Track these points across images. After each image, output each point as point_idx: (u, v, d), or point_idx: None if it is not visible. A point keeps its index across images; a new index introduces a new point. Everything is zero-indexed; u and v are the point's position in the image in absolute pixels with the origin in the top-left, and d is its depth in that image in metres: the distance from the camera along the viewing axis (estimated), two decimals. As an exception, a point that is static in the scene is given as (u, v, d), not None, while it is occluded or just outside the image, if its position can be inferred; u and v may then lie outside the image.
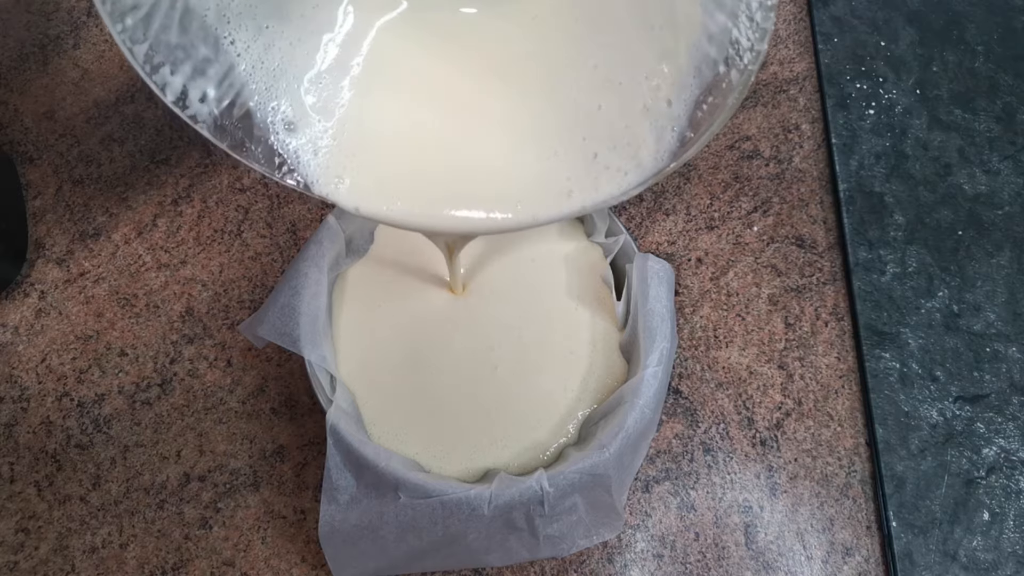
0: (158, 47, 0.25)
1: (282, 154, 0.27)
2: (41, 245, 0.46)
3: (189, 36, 0.26)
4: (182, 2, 0.26)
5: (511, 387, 0.37)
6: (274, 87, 0.28)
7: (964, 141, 0.46)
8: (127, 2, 0.25)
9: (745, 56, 0.26)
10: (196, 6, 0.26)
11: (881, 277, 0.43)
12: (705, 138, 0.25)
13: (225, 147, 0.26)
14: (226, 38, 0.27)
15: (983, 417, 0.40)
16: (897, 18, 0.49)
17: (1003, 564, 0.37)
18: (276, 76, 0.28)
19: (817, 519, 0.39)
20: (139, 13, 0.25)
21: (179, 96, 0.25)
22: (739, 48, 0.26)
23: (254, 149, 0.27)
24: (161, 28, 0.25)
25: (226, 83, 0.27)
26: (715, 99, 0.26)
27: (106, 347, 0.43)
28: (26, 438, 0.41)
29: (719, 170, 0.46)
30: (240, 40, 0.27)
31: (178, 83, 0.25)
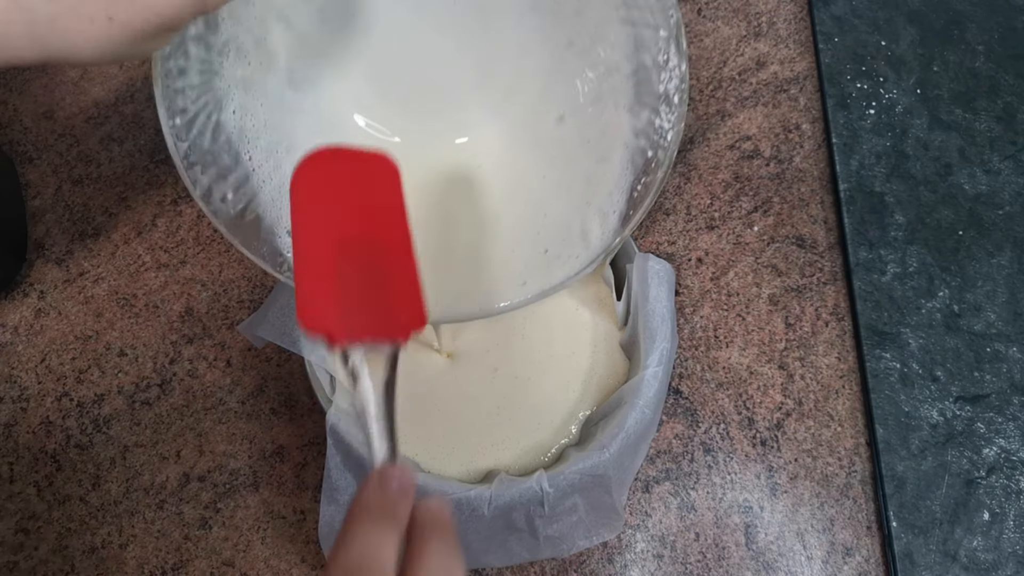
0: (194, 148, 0.30)
1: (284, 254, 0.32)
2: (40, 245, 0.46)
3: (218, 145, 0.31)
4: (215, 116, 0.31)
5: (512, 388, 0.37)
6: (279, 200, 0.32)
7: (965, 141, 0.46)
8: (178, 105, 0.29)
9: (668, 135, 0.30)
10: (225, 122, 0.31)
11: (882, 277, 0.43)
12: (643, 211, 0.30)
13: (237, 243, 0.30)
14: (245, 153, 0.32)
15: (983, 417, 0.40)
16: (898, 18, 0.49)
17: (1003, 564, 0.37)
18: (282, 191, 0.32)
19: (817, 519, 0.38)
20: (186, 117, 0.30)
21: (205, 192, 0.30)
22: (662, 132, 0.30)
23: (260, 248, 0.31)
24: (198, 133, 0.30)
25: (242, 190, 0.31)
26: (648, 178, 0.30)
27: (105, 347, 0.43)
28: (26, 438, 0.41)
29: (719, 170, 0.46)
30: (256, 157, 0.32)
31: (205, 182, 0.30)
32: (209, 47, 0.31)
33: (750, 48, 0.49)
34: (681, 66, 0.30)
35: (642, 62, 0.31)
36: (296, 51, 0.34)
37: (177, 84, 0.30)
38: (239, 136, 0.32)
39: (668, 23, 0.30)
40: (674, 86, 0.31)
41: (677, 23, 0.30)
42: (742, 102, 0.47)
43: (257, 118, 0.33)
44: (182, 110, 0.30)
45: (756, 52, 0.49)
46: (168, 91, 0.29)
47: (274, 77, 0.33)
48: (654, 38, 0.31)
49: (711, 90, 0.48)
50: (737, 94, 0.48)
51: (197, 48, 0.30)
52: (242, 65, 0.32)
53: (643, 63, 0.31)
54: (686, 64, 0.31)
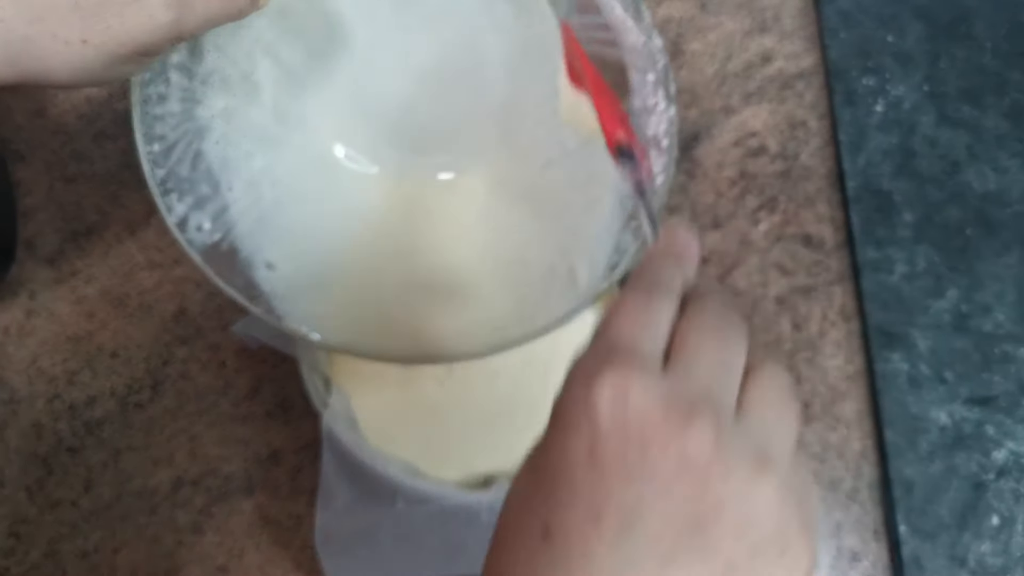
0: (171, 176, 0.30)
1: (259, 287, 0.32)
2: (31, 244, 0.45)
3: (197, 173, 0.31)
4: (196, 145, 0.31)
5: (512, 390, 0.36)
6: (259, 232, 0.33)
7: (972, 138, 0.45)
8: (156, 131, 0.30)
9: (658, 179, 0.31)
10: (206, 151, 0.32)
11: (890, 277, 0.42)
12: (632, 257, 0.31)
13: (211, 273, 0.30)
14: (225, 184, 0.32)
15: (992, 419, 0.39)
16: (904, 13, 0.48)
17: (1012, 569, 0.37)
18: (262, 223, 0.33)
19: (824, 524, 0.38)
20: (165, 143, 0.30)
21: (180, 220, 0.30)
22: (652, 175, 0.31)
23: (235, 279, 0.31)
24: (177, 161, 0.30)
25: (219, 221, 0.31)
26: (637, 221, 0.31)
27: (97, 348, 0.43)
28: (16, 441, 0.41)
29: (724, 167, 0.45)
30: (236, 188, 0.33)
31: (181, 210, 0.30)
32: (192, 76, 0.31)
33: (755, 43, 0.48)
34: (669, 111, 0.31)
35: (631, 106, 0.32)
36: (282, 84, 0.34)
37: (156, 111, 0.30)
38: (221, 166, 0.32)
39: (655, 67, 0.31)
40: (663, 130, 0.31)
41: (665, 68, 0.31)
42: (747, 98, 0.47)
43: (239, 149, 0.33)
44: (161, 137, 0.30)
45: (761, 47, 0.48)
46: (147, 117, 0.29)
47: (258, 109, 0.34)
48: (642, 81, 0.31)
49: (716, 86, 0.47)
50: (742, 90, 0.47)
51: (180, 76, 0.31)
52: (226, 96, 0.33)
53: (632, 107, 0.32)
54: (675, 109, 0.31)
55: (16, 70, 0.24)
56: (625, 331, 0.19)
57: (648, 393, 0.17)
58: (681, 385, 0.18)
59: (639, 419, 0.17)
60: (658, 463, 0.17)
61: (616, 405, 0.17)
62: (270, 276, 0.32)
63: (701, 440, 0.17)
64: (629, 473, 0.17)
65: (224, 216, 0.32)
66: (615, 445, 0.17)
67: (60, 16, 0.23)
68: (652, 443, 0.17)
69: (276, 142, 0.34)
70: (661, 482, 0.17)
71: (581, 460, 0.17)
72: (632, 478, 0.17)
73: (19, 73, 0.24)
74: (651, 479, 0.17)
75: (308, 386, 0.34)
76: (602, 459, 0.17)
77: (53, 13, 0.23)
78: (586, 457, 0.17)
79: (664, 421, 0.17)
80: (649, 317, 0.19)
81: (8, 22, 0.23)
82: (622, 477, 0.17)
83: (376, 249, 0.34)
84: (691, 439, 0.17)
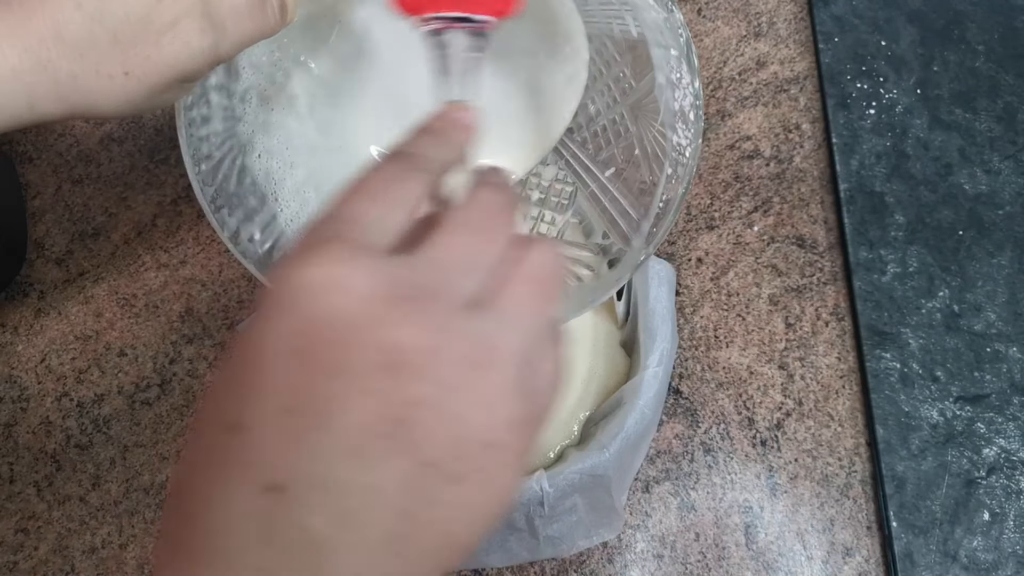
0: (220, 192, 0.31)
1: None
2: (40, 245, 0.46)
3: (243, 187, 0.32)
4: (240, 160, 0.32)
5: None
6: None
7: (965, 141, 0.46)
8: (203, 151, 0.30)
9: (686, 151, 0.31)
10: (250, 165, 0.33)
11: (882, 277, 0.43)
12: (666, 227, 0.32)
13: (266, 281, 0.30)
14: (271, 195, 0.33)
15: (983, 417, 0.40)
16: (898, 17, 0.49)
17: (1003, 564, 0.37)
18: None
19: (817, 519, 0.38)
20: (211, 162, 0.31)
21: (233, 234, 0.31)
22: (680, 148, 0.32)
23: None
24: (224, 178, 0.31)
25: (268, 229, 0.32)
26: (669, 195, 0.32)
27: (105, 347, 0.43)
28: (26, 438, 0.41)
29: (719, 170, 0.46)
30: (282, 197, 0.34)
31: (233, 224, 0.31)
32: (231, 94, 0.32)
33: (750, 48, 0.49)
34: (694, 83, 0.31)
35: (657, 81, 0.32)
36: (316, 93, 0.35)
37: (201, 132, 0.31)
38: (265, 178, 0.33)
39: (678, 42, 0.31)
40: (688, 103, 0.32)
41: (687, 42, 0.31)
42: (742, 102, 0.47)
43: (282, 159, 0.34)
44: (207, 156, 0.31)
45: (756, 52, 0.49)
46: (192, 139, 0.30)
47: (296, 119, 0.35)
48: (665, 56, 0.32)
49: (711, 90, 0.48)
50: (737, 94, 0.48)
51: (219, 96, 0.31)
52: (264, 110, 0.34)
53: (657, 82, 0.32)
54: (699, 82, 0.31)
55: (65, 106, 0.25)
56: (356, 205, 0.17)
57: (365, 278, 0.15)
58: (409, 272, 0.16)
59: (351, 305, 0.15)
60: (364, 354, 0.15)
61: (328, 289, 0.15)
62: None
63: (410, 336, 0.15)
64: (332, 364, 0.15)
65: (272, 225, 0.33)
66: (320, 333, 0.15)
67: (101, 51, 0.24)
68: (360, 333, 0.15)
69: (316, 149, 0.35)
70: (364, 375, 0.15)
71: (281, 348, 0.15)
72: (335, 371, 0.15)
73: (68, 108, 0.25)
74: (354, 372, 0.15)
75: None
76: (304, 348, 0.15)
77: (94, 49, 0.24)
78: (287, 344, 0.15)
79: (376, 313, 0.15)
80: (388, 192, 0.17)
81: (54, 62, 0.24)
82: (324, 369, 0.15)
83: None
84: (402, 331, 0.15)
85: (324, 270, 0.15)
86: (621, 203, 0.35)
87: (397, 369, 0.15)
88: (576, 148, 0.36)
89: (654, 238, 0.32)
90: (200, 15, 0.24)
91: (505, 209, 0.18)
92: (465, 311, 0.16)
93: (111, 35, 0.24)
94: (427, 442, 0.15)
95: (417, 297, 0.16)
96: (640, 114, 0.33)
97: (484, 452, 0.16)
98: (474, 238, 0.17)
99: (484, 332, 0.16)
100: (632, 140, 0.34)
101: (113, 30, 0.24)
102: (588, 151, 0.36)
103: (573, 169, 0.36)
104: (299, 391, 0.15)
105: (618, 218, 0.35)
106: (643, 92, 0.33)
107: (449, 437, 0.15)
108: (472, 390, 0.16)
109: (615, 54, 0.33)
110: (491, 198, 0.18)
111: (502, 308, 0.17)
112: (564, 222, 0.37)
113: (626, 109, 0.34)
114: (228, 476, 0.15)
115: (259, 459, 0.15)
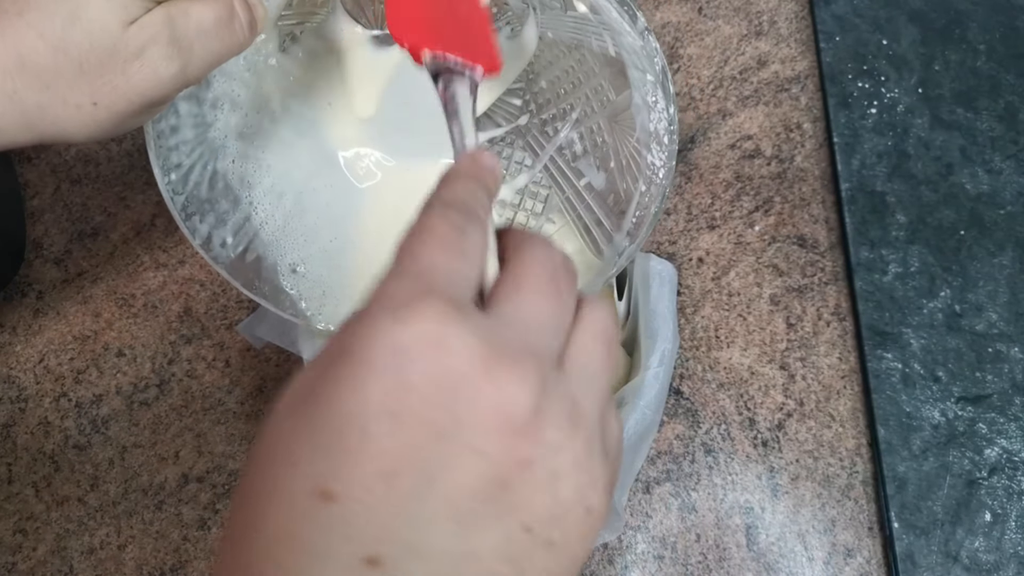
0: (191, 200, 0.31)
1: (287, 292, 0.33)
2: (39, 245, 0.46)
3: (215, 192, 0.32)
4: (212, 165, 0.32)
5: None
6: (282, 238, 0.34)
7: (966, 140, 0.46)
8: (173, 161, 0.30)
9: (660, 172, 0.32)
10: (223, 169, 0.33)
11: (883, 277, 0.43)
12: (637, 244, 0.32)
13: (238, 285, 0.31)
14: (245, 197, 0.33)
15: (985, 418, 0.40)
16: (899, 17, 0.49)
17: (1005, 565, 0.37)
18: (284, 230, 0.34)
19: (819, 520, 0.38)
20: (181, 171, 0.31)
21: (205, 240, 0.31)
22: (654, 168, 0.32)
23: (262, 288, 0.32)
24: (195, 184, 0.31)
25: (241, 232, 0.33)
26: (641, 212, 0.32)
27: (104, 347, 0.43)
28: (24, 439, 0.41)
29: (720, 169, 0.46)
30: (256, 199, 0.34)
31: (204, 230, 0.31)
32: (201, 102, 0.32)
33: (751, 47, 0.49)
34: (669, 109, 0.32)
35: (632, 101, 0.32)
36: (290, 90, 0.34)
37: (170, 142, 0.30)
38: (239, 182, 0.33)
39: (654, 69, 0.31)
40: (663, 127, 0.32)
41: (663, 69, 0.31)
42: (743, 101, 0.47)
43: (258, 162, 0.34)
44: (177, 165, 0.31)
45: (757, 51, 0.49)
46: (162, 151, 0.30)
47: (269, 119, 0.34)
48: (642, 79, 0.32)
49: (712, 89, 0.48)
50: (738, 93, 0.48)
51: (189, 104, 0.31)
52: (237, 115, 0.33)
53: (633, 102, 0.32)
54: (674, 107, 0.32)
55: (34, 134, 0.24)
56: (439, 260, 0.16)
57: (468, 339, 0.15)
58: (504, 333, 0.16)
59: (458, 365, 0.15)
60: (470, 418, 0.15)
61: (432, 348, 0.15)
62: (296, 279, 0.34)
63: (519, 396, 0.15)
64: (436, 428, 0.14)
65: (245, 227, 0.33)
66: (424, 395, 0.14)
67: (67, 82, 0.23)
68: (465, 396, 0.15)
69: (290, 146, 0.35)
70: (470, 439, 0.15)
71: (379, 410, 0.14)
72: (442, 432, 0.14)
73: (37, 136, 0.24)
74: (459, 436, 0.15)
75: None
76: (406, 410, 0.14)
77: (60, 80, 0.23)
78: (385, 405, 0.14)
79: (481, 373, 0.15)
80: (464, 245, 0.17)
81: (20, 93, 0.23)
82: (427, 432, 0.14)
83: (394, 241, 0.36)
84: (508, 395, 0.15)
85: (426, 328, 0.15)
86: (595, 212, 0.35)
87: (507, 430, 0.15)
88: (554, 153, 0.36)
89: (626, 251, 0.32)
90: (167, 41, 0.24)
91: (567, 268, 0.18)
92: (556, 370, 0.16)
93: (76, 65, 0.23)
94: (528, 506, 0.15)
95: (518, 357, 0.15)
96: (617, 127, 0.34)
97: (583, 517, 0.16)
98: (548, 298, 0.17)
99: (571, 391, 0.16)
100: (608, 152, 0.34)
101: (78, 60, 0.23)
102: (565, 156, 0.36)
103: (549, 173, 0.36)
104: (401, 454, 0.14)
105: (592, 227, 0.35)
106: (621, 106, 0.33)
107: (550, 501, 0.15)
108: (570, 451, 0.15)
109: (594, 66, 0.34)
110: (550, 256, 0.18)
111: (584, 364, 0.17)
112: (538, 227, 0.36)
113: (603, 120, 0.34)
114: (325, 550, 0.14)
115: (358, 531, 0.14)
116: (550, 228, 0.36)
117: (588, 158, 0.35)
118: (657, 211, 0.31)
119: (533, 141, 0.37)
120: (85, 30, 0.23)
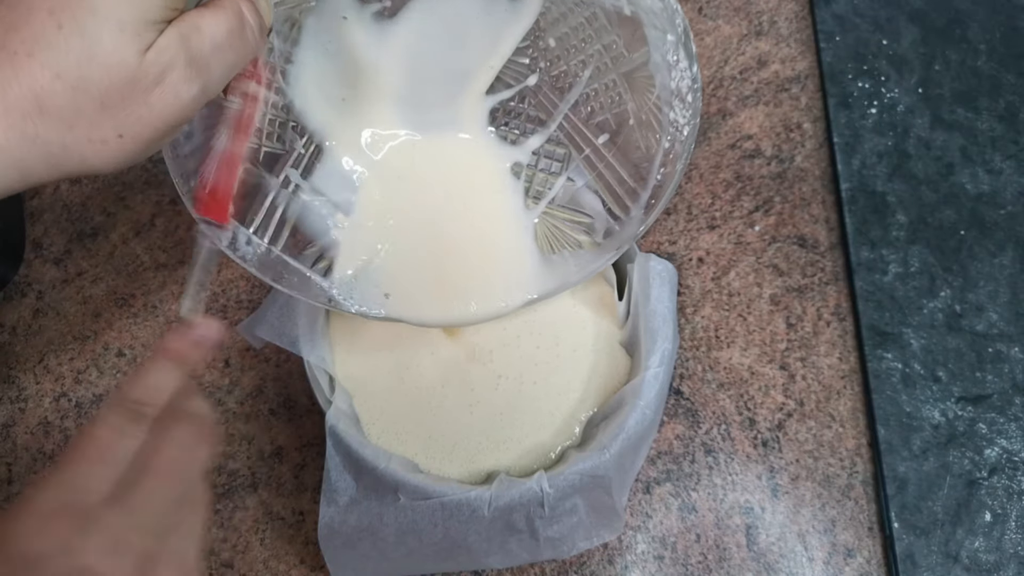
0: None
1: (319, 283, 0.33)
2: (39, 245, 0.46)
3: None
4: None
5: (513, 389, 0.37)
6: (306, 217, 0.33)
7: (966, 140, 0.46)
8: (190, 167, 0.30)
9: (684, 130, 0.32)
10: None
11: (883, 277, 0.43)
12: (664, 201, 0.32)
13: (268, 280, 0.31)
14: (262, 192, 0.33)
15: (985, 418, 0.40)
16: (899, 16, 0.49)
17: (1005, 565, 0.37)
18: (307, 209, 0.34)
19: (819, 520, 0.38)
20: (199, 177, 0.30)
21: (231, 242, 0.31)
22: (678, 126, 0.32)
23: (292, 279, 0.32)
24: None
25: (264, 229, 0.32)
26: (667, 168, 0.32)
27: (104, 347, 0.43)
28: (24, 439, 0.41)
29: (720, 169, 0.46)
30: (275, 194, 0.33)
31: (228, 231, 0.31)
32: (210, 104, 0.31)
33: (751, 47, 0.49)
34: (692, 68, 0.31)
35: (652, 58, 0.32)
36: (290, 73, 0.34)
37: (185, 149, 0.30)
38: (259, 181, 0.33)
39: (675, 30, 0.31)
40: (686, 85, 0.31)
41: (685, 30, 0.31)
42: (743, 101, 0.47)
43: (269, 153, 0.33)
44: (195, 171, 0.30)
45: (757, 51, 0.49)
46: (178, 159, 0.30)
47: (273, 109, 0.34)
48: (661, 39, 0.31)
49: (712, 89, 0.48)
50: (738, 93, 0.48)
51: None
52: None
53: (652, 60, 0.32)
54: (697, 67, 0.31)
55: (58, 172, 0.24)
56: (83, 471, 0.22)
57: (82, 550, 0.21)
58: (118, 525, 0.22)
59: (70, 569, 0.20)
60: None
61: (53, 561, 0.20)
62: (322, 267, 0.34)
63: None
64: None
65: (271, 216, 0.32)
66: None
67: (89, 120, 0.23)
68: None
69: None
70: None
71: None
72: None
73: (64, 173, 0.24)
74: None
75: (314, 384, 0.35)
76: None
77: (82, 119, 0.23)
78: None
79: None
80: (114, 453, 0.22)
81: (42, 136, 0.23)
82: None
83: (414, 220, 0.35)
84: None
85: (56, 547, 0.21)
86: (618, 171, 0.34)
87: None
88: (569, 111, 0.35)
89: (653, 209, 0.32)
90: (185, 64, 0.24)
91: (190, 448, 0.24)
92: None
93: (98, 103, 0.23)
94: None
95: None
96: (634, 84, 0.33)
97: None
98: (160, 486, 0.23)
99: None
100: (626, 108, 0.34)
101: (99, 98, 0.23)
102: (580, 114, 0.35)
103: (566, 132, 0.36)
104: None
105: (615, 185, 0.35)
106: (637, 64, 0.32)
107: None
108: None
109: (607, 23, 0.33)
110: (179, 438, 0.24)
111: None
112: (559, 185, 0.36)
113: (619, 76, 0.33)
114: None
115: None
116: (571, 187, 0.36)
117: (604, 113, 0.34)
118: (682, 168, 0.32)
119: (545, 99, 0.36)
120: (103, 65, 0.22)
